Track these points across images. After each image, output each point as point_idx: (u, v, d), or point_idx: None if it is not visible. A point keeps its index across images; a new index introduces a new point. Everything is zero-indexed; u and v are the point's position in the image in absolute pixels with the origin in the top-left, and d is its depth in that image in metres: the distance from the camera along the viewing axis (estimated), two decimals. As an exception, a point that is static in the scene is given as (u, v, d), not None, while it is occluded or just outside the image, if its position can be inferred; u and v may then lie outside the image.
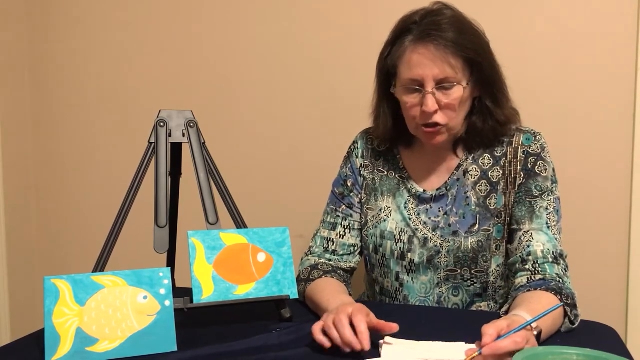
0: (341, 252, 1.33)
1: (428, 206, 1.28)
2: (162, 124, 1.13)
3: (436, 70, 1.14)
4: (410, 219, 1.28)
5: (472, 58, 1.16)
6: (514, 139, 1.24)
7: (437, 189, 1.27)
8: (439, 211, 1.26)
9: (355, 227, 1.34)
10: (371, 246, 1.32)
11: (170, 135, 1.13)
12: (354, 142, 1.38)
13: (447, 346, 0.98)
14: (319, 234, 1.36)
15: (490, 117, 1.22)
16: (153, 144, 1.12)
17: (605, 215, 1.64)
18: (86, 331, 0.96)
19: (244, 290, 1.09)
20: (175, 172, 1.22)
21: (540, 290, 1.09)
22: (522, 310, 0.99)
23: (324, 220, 1.37)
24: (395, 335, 1.00)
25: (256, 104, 1.92)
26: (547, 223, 1.19)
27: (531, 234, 1.19)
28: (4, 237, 2.07)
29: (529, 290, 1.10)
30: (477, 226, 1.23)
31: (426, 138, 1.22)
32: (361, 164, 1.35)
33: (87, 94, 2.10)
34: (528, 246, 1.18)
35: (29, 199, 2.18)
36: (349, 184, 1.35)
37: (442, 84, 1.15)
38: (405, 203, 1.29)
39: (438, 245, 1.24)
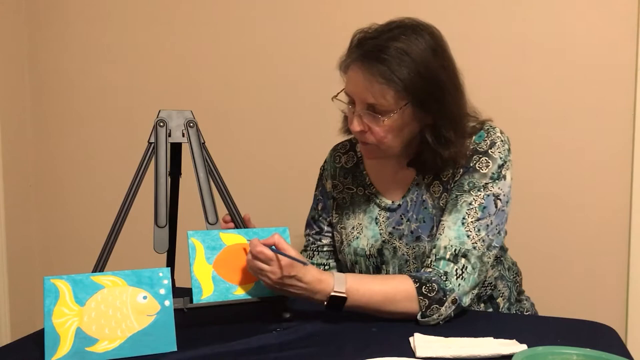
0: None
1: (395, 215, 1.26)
2: (161, 124, 1.12)
3: (364, 95, 1.12)
4: (381, 232, 1.26)
5: (406, 91, 1.10)
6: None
7: (402, 197, 1.25)
8: (401, 218, 1.24)
9: (324, 250, 1.37)
10: (348, 264, 1.31)
11: (170, 135, 1.13)
12: (324, 161, 1.40)
13: (477, 341, 0.98)
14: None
15: (434, 153, 1.16)
16: (153, 144, 1.12)
17: (605, 215, 1.64)
18: (86, 331, 0.96)
19: (243, 290, 1.09)
20: (175, 172, 1.22)
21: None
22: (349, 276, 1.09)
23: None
24: (424, 332, 1.01)
25: (256, 104, 1.92)
26: (464, 218, 1.13)
27: (444, 227, 1.15)
28: (4, 237, 2.07)
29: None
30: (435, 229, 1.19)
31: (361, 151, 1.24)
32: (331, 185, 1.36)
33: (87, 93, 2.10)
34: (438, 239, 1.14)
35: (29, 199, 2.18)
36: (319, 208, 1.38)
37: (371, 109, 1.13)
38: (376, 218, 1.27)
39: (405, 253, 1.23)
